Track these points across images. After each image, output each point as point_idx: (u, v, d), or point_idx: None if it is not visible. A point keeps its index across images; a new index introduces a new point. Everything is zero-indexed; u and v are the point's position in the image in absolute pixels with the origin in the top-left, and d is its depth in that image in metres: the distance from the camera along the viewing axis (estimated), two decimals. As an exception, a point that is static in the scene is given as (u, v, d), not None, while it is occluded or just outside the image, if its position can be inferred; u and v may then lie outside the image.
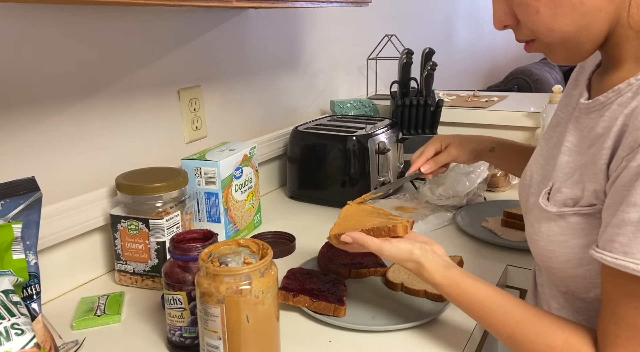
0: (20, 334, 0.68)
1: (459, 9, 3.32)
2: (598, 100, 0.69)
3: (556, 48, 0.69)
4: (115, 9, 1.09)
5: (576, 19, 0.65)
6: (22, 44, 0.94)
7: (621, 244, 0.59)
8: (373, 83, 2.12)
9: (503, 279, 1.09)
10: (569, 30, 0.66)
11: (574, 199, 0.69)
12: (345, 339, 0.87)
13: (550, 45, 0.69)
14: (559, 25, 0.65)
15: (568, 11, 0.64)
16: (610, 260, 0.60)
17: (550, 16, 0.65)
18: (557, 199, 0.71)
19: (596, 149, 0.66)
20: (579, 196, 0.68)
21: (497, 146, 1.10)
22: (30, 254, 0.80)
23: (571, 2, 0.64)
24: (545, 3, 0.65)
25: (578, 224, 0.68)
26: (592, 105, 0.70)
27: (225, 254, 0.78)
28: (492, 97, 2.01)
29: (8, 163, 0.95)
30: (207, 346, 0.75)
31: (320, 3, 1.32)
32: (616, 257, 0.59)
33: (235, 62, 1.44)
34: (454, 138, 1.12)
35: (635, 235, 0.58)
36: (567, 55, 0.70)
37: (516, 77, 3.77)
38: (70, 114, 1.04)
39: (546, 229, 0.72)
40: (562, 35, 0.66)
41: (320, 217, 1.39)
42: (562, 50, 0.69)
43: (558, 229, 0.70)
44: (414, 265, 0.81)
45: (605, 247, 0.61)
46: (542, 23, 0.66)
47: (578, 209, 0.68)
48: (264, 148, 1.51)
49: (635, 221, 0.58)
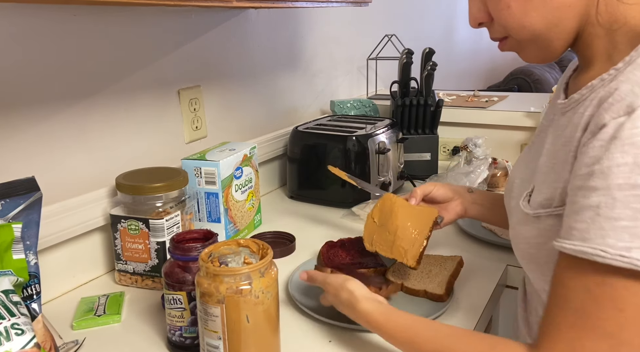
0: (20, 334, 0.68)
1: (459, 9, 3.32)
2: (573, 99, 0.69)
3: (527, 46, 0.71)
4: (115, 9, 1.09)
5: (546, 14, 0.66)
6: (22, 44, 0.94)
7: (579, 231, 0.57)
8: (373, 83, 2.12)
9: (503, 279, 1.09)
10: (539, 27, 0.67)
11: (549, 200, 0.68)
12: (345, 339, 0.87)
13: (522, 42, 0.70)
14: (529, 21, 0.67)
15: (538, 6, 0.66)
16: (569, 247, 0.58)
17: (521, 11, 0.66)
18: (535, 200, 0.70)
19: (567, 143, 0.65)
20: (554, 197, 0.67)
21: (474, 190, 1.07)
22: (30, 254, 0.80)
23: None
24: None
25: (553, 225, 0.67)
26: (568, 105, 0.70)
27: (225, 254, 0.78)
28: (492, 97, 2.01)
29: (8, 163, 0.95)
30: (207, 346, 0.75)
31: (320, 3, 1.32)
32: (575, 244, 0.57)
33: (235, 62, 1.45)
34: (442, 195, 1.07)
35: (594, 220, 0.56)
36: (538, 54, 0.72)
37: (516, 77, 3.77)
38: (70, 114, 1.04)
39: (525, 232, 0.72)
40: (533, 32, 0.68)
41: (320, 217, 1.39)
42: (534, 48, 0.70)
43: (536, 232, 0.70)
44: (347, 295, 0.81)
45: (565, 236, 0.59)
46: (513, 18, 0.67)
47: (552, 210, 0.67)
48: (264, 148, 1.51)
49: (594, 205, 0.56)
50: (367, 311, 0.78)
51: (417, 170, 1.63)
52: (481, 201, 1.05)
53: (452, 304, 0.94)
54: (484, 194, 1.08)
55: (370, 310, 0.78)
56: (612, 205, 0.55)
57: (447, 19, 3.18)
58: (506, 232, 1.22)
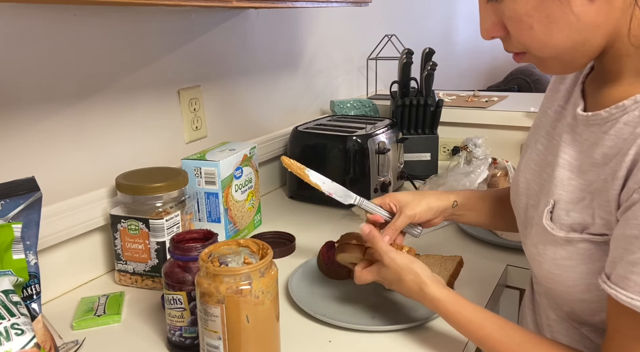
0: (20, 334, 0.68)
1: (459, 9, 3.32)
2: (599, 115, 0.66)
3: (549, 61, 0.67)
4: (115, 9, 1.09)
5: (572, 35, 0.62)
6: (22, 44, 0.94)
7: (636, 283, 0.57)
8: (373, 83, 2.12)
9: (503, 279, 1.09)
10: (564, 47, 0.63)
11: (582, 224, 0.66)
12: (345, 339, 0.87)
13: (543, 58, 0.67)
14: (554, 42, 0.63)
15: (564, 28, 0.61)
16: (625, 299, 0.58)
17: (544, 32, 0.62)
18: (563, 222, 0.68)
19: (609, 175, 0.63)
20: (588, 222, 0.65)
21: (459, 199, 0.97)
22: (30, 254, 0.80)
23: (568, 19, 0.60)
24: (540, 19, 0.61)
25: (587, 250, 0.66)
26: (592, 119, 0.67)
27: (225, 254, 0.78)
28: (492, 97, 2.01)
29: (8, 163, 0.95)
30: (207, 346, 0.75)
31: (320, 3, 1.32)
32: (632, 297, 0.57)
33: (235, 62, 1.44)
34: (407, 196, 0.95)
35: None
36: (561, 68, 0.68)
37: (516, 77, 3.77)
38: (71, 114, 1.04)
39: (552, 253, 0.69)
40: (556, 51, 0.64)
41: (320, 217, 1.39)
42: (556, 63, 0.67)
43: (565, 254, 0.68)
44: (412, 276, 0.81)
45: (619, 283, 0.59)
46: (536, 39, 0.63)
47: (588, 236, 0.65)
48: (264, 148, 1.51)
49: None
50: (437, 297, 0.79)
51: (417, 170, 1.63)
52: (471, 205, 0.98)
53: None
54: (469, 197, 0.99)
55: (441, 297, 0.78)
56: None
57: (447, 19, 3.18)
58: (506, 232, 1.22)
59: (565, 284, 0.69)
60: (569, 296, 0.70)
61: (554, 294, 0.73)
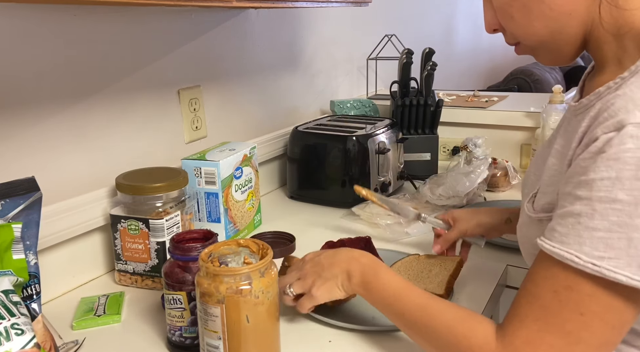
0: (20, 334, 0.68)
1: (459, 9, 3.32)
2: (582, 103, 0.69)
3: (539, 51, 0.72)
4: (115, 9, 1.09)
5: (548, 23, 0.67)
6: (22, 44, 0.94)
7: (560, 234, 0.61)
8: (373, 83, 2.12)
9: (503, 279, 1.09)
10: (544, 34, 0.68)
11: (550, 204, 0.70)
12: (345, 339, 0.87)
13: (533, 48, 0.72)
14: (533, 31, 0.68)
15: (539, 16, 0.66)
16: (547, 247, 0.62)
17: (524, 21, 0.68)
18: (538, 203, 0.72)
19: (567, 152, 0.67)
20: (554, 200, 0.68)
21: (512, 216, 1.03)
22: (30, 254, 0.80)
23: (540, 7, 0.66)
24: (518, 9, 0.67)
25: None
26: (578, 108, 0.70)
27: (225, 254, 0.78)
28: (492, 97, 2.01)
29: (8, 163, 0.95)
30: (207, 346, 0.75)
31: (320, 3, 1.32)
32: (553, 245, 0.61)
33: (235, 62, 1.45)
34: (462, 212, 1.09)
35: (574, 227, 0.59)
36: (552, 57, 0.73)
37: (516, 77, 3.77)
38: (71, 114, 1.04)
39: (530, 233, 0.73)
40: (539, 39, 0.69)
41: (320, 217, 1.39)
42: (546, 53, 0.72)
43: (538, 233, 0.70)
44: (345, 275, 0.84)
45: (547, 235, 0.63)
46: (518, 28, 0.69)
47: (552, 214, 0.68)
48: (264, 148, 1.51)
49: (576, 213, 0.59)
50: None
51: (417, 170, 1.63)
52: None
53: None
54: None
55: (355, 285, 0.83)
56: (592, 215, 0.58)
57: (447, 19, 3.18)
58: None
59: None
60: None
61: None
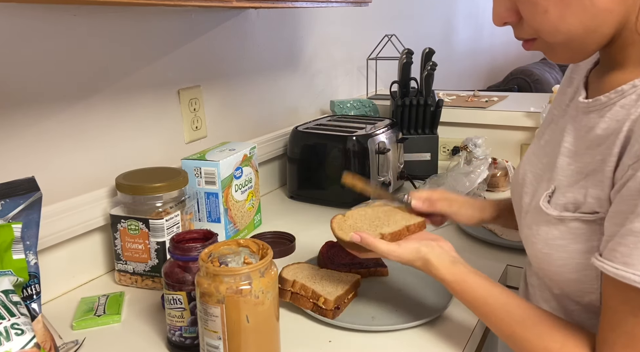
0: (20, 334, 0.68)
1: (459, 9, 3.32)
2: (599, 100, 0.67)
3: (559, 48, 0.68)
4: (115, 9, 1.09)
5: (585, 20, 0.63)
6: (22, 44, 0.94)
7: (622, 254, 0.58)
8: (373, 83, 2.12)
9: (503, 279, 1.09)
10: (576, 32, 0.64)
11: (574, 204, 0.68)
12: (345, 339, 0.87)
13: (553, 45, 0.67)
14: (566, 27, 0.63)
15: (578, 12, 0.62)
16: (610, 269, 0.59)
17: (558, 16, 0.63)
18: (558, 202, 0.70)
19: (603, 154, 0.65)
20: (580, 201, 0.67)
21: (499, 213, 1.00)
22: (30, 254, 0.80)
23: (582, 3, 0.62)
24: (555, 3, 0.62)
25: (578, 229, 0.67)
26: (592, 105, 0.69)
27: (225, 254, 0.78)
28: (492, 97, 2.01)
29: (8, 163, 0.95)
30: (207, 346, 0.75)
31: (320, 3, 1.32)
32: (617, 267, 0.59)
33: (235, 62, 1.44)
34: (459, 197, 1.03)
35: (637, 246, 0.57)
36: (569, 56, 0.69)
37: (516, 77, 3.77)
38: (71, 114, 1.04)
39: (544, 232, 0.71)
40: (568, 36, 0.64)
41: (320, 217, 1.39)
42: (565, 51, 0.68)
43: (557, 233, 0.69)
44: (421, 263, 0.82)
45: (607, 256, 0.60)
46: (549, 23, 0.64)
47: (579, 215, 0.67)
48: (264, 148, 1.51)
49: (638, 231, 0.57)
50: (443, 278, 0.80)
51: (417, 170, 1.63)
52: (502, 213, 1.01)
53: (452, 303, 0.94)
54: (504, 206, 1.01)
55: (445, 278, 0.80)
56: None
57: (447, 19, 3.18)
58: (506, 232, 1.23)
59: (556, 263, 0.70)
60: (559, 276, 0.71)
61: (545, 275, 0.75)
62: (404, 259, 0.83)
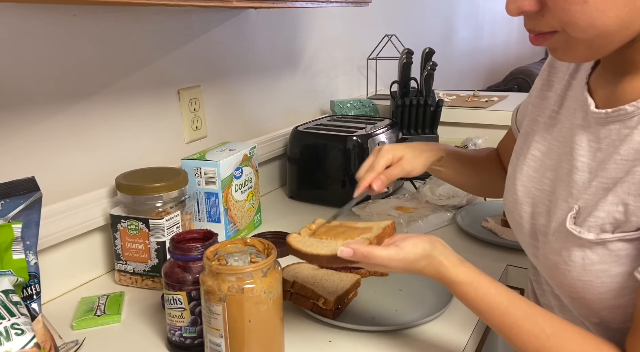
0: (20, 334, 0.68)
1: (459, 9, 3.32)
2: (624, 110, 0.62)
3: (580, 45, 0.61)
4: (116, 9, 1.09)
5: (623, 15, 0.57)
6: (22, 44, 0.94)
7: None
8: (373, 83, 2.12)
9: (503, 279, 1.09)
10: (612, 26, 0.58)
11: (613, 224, 0.62)
12: (345, 339, 0.87)
13: (576, 40, 0.61)
14: (603, 21, 0.58)
15: (620, 5, 0.57)
16: None
17: (598, 9, 0.57)
18: (591, 224, 0.63)
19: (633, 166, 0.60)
20: (620, 220, 0.61)
21: (445, 155, 0.96)
22: (30, 254, 0.80)
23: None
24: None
25: (621, 250, 0.61)
26: (614, 115, 0.64)
27: (232, 253, 0.78)
28: (492, 97, 2.01)
29: (8, 163, 0.95)
30: (210, 343, 0.76)
31: (320, 3, 1.32)
32: None
33: (235, 62, 1.44)
34: (406, 150, 0.93)
35: None
36: (585, 54, 0.63)
37: (516, 77, 3.77)
38: (70, 114, 1.04)
39: (580, 258, 0.64)
40: (600, 32, 0.59)
41: (320, 217, 1.39)
42: (584, 48, 0.62)
43: (596, 257, 0.63)
44: (426, 262, 0.71)
45: None
46: (586, 16, 0.58)
47: (622, 234, 0.61)
48: (264, 148, 1.51)
49: None
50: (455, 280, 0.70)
51: (417, 170, 1.63)
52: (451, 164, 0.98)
53: (452, 303, 0.94)
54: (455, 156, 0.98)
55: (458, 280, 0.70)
56: None
57: (447, 19, 3.18)
58: (506, 232, 1.22)
59: (597, 291, 0.64)
60: (600, 304, 0.65)
61: (581, 304, 0.68)
62: (410, 260, 0.71)
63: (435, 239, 0.74)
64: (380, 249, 0.71)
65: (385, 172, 0.90)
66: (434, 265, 0.71)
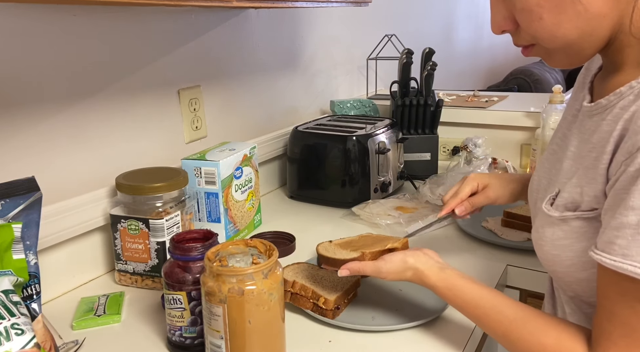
0: (20, 334, 0.68)
1: (459, 9, 3.32)
2: (600, 104, 0.68)
3: (557, 53, 0.69)
4: (116, 9, 1.09)
5: (580, 25, 0.64)
6: (22, 44, 0.94)
7: (620, 247, 0.60)
8: (373, 83, 2.12)
9: (503, 279, 1.09)
10: (572, 37, 0.65)
11: (574, 203, 0.69)
12: (345, 339, 0.87)
13: (551, 50, 0.69)
14: (562, 32, 0.65)
15: (572, 18, 0.64)
16: (609, 262, 0.60)
17: (554, 23, 0.64)
18: (558, 203, 0.71)
19: (597, 152, 0.66)
20: (578, 200, 0.69)
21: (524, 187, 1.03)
22: (30, 254, 0.80)
23: (576, 8, 0.63)
24: (550, 9, 0.64)
25: (581, 227, 0.69)
26: (595, 109, 0.70)
27: (233, 254, 0.78)
28: (492, 97, 2.01)
29: (8, 163, 0.95)
30: (211, 345, 0.76)
31: (320, 3, 1.32)
32: (615, 259, 0.60)
33: (235, 62, 1.44)
34: (492, 179, 1.03)
35: (634, 238, 0.58)
36: (567, 61, 0.70)
37: (516, 77, 3.77)
38: (70, 114, 1.04)
39: (550, 234, 0.72)
40: (565, 42, 0.66)
41: (320, 217, 1.39)
42: (563, 56, 0.69)
43: (561, 233, 0.71)
44: (411, 272, 0.84)
45: (604, 249, 0.62)
46: (545, 29, 0.65)
47: (580, 213, 0.68)
48: (264, 148, 1.51)
49: (634, 224, 0.58)
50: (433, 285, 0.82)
51: (417, 170, 1.63)
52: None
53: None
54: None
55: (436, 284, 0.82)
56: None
57: (447, 19, 3.18)
58: (506, 232, 1.23)
59: (564, 264, 0.71)
60: (569, 277, 0.72)
61: (557, 277, 0.76)
62: (394, 272, 0.85)
63: (420, 252, 0.86)
64: (368, 263, 0.87)
65: (470, 199, 1.01)
66: (417, 275, 0.84)
